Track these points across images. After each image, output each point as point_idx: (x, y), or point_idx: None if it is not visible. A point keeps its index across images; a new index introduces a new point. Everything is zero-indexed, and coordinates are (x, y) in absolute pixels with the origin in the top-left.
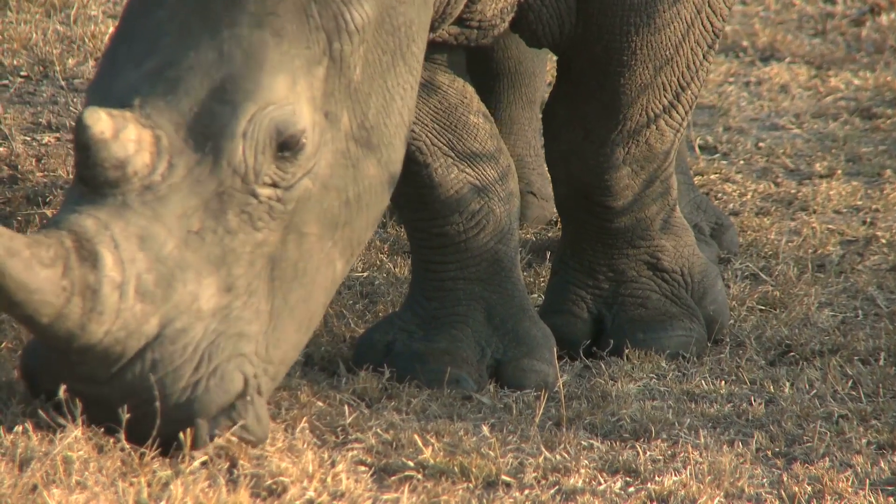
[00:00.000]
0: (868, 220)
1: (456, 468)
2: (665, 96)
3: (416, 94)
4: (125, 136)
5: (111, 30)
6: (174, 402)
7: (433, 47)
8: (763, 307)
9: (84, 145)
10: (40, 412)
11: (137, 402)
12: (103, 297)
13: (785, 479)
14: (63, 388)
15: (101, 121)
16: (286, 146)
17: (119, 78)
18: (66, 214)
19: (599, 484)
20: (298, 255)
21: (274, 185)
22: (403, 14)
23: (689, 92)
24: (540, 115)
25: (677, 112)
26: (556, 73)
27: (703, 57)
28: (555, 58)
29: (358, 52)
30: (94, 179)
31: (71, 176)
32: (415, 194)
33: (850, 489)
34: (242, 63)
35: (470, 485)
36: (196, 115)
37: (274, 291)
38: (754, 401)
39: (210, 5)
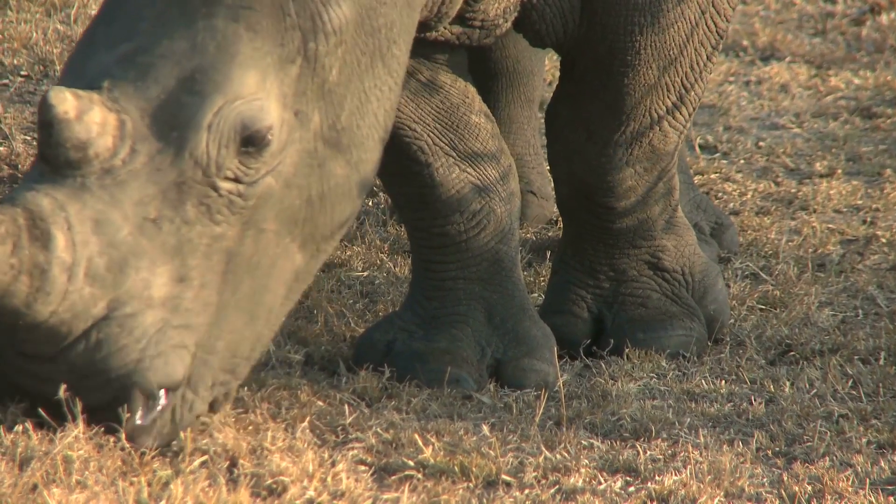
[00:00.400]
0: (868, 219)
1: (456, 468)
2: (669, 97)
3: (397, 96)
4: (89, 117)
5: None
6: (115, 376)
7: (435, 47)
8: (763, 307)
9: (47, 124)
10: (40, 412)
11: (80, 377)
12: (51, 278)
13: (785, 478)
14: (63, 387)
15: (65, 101)
16: (251, 141)
17: (93, 59)
18: (23, 192)
19: (599, 483)
20: (254, 250)
21: (236, 179)
22: (384, 15)
23: (693, 93)
24: (539, 114)
25: (681, 113)
26: (557, 73)
27: (707, 58)
28: (555, 57)
29: (335, 53)
30: (55, 159)
31: None
32: (416, 194)
33: (850, 489)
34: (214, 55)
35: (470, 484)
36: (163, 103)
37: (225, 284)
38: (754, 400)
39: None
